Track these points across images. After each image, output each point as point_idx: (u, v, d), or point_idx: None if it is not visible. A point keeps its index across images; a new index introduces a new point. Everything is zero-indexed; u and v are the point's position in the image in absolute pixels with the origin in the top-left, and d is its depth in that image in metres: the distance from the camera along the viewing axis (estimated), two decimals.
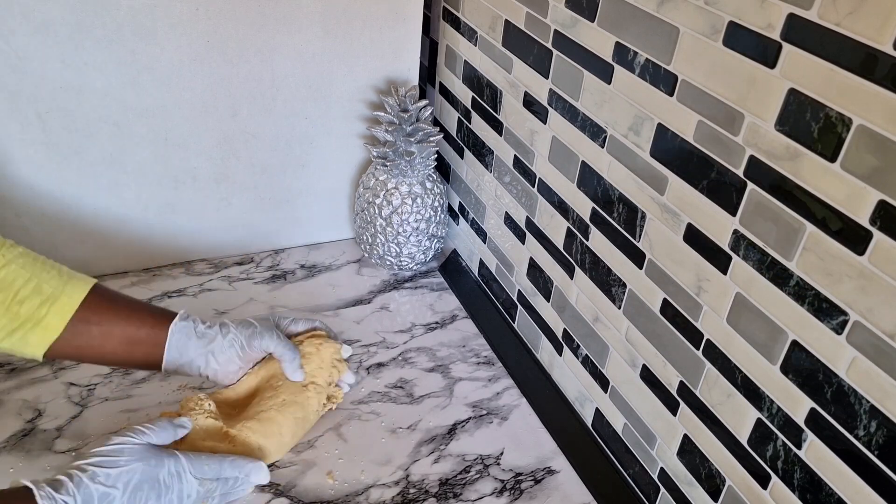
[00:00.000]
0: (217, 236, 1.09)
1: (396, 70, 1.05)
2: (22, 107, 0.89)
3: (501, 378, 0.96)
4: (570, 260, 0.85)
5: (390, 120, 1.00)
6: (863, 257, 0.51)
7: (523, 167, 0.92)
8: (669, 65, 0.65)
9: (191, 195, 1.04)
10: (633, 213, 0.73)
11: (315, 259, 1.14)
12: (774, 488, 0.62)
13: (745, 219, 0.60)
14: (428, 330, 1.03)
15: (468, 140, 1.06)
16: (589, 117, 0.77)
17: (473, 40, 0.98)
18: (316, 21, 0.96)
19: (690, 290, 0.67)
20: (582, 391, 0.87)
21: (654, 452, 0.76)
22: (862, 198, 0.50)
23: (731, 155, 0.60)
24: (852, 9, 0.48)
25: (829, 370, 0.55)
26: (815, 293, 0.55)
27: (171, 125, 0.97)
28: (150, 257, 1.06)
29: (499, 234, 1.01)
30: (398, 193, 1.04)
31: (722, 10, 0.58)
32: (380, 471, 0.82)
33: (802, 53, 0.52)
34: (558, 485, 0.83)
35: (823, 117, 0.52)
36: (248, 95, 0.98)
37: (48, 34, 0.85)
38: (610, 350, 0.80)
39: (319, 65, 1.00)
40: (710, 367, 0.66)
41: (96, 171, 0.96)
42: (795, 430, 0.58)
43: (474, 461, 0.84)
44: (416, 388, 0.93)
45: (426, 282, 1.12)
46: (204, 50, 0.93)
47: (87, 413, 0.84)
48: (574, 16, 0.76)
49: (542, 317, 0.94)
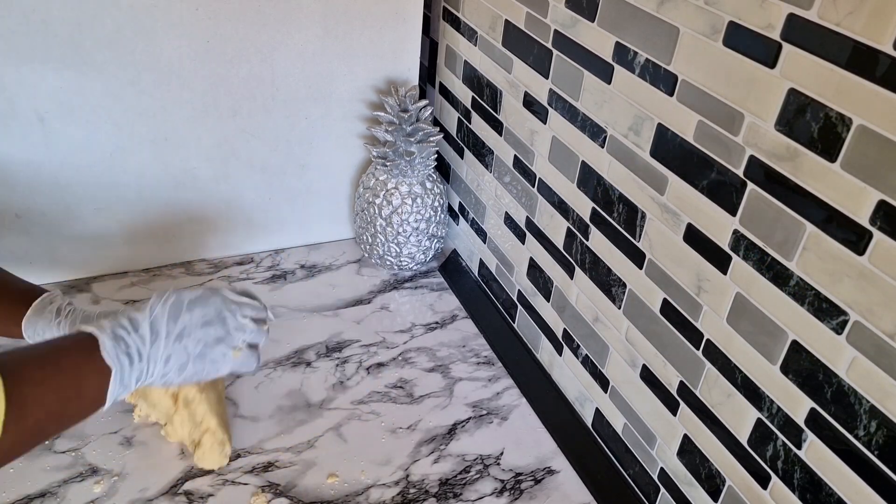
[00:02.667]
0: (217, 236, 1.09)
1: (396, 70, 1.05)
2: (22, 107, 0.89)
3: (501, 378, 0.96)
4: (570, 260, 0.85)
5: (390, 120, 1.00)
6: (863, 257, 0.51)
7: (523, 167, 0.92)
8: (669, 65, 0.65)
9: (191, 195, 1.04)
10: (633, 213, 0.73)
11: (315, 259, 1.14)
12: (774, 488, 0.62)
13: (745, 219, 0.60)
14: (428, 330, 1.03)
15: (468, 140, 1.06)
16: (589, 117, 0.77)
17: (473, 40, 0.98)
18: (316, 21, 0.96)
19: (690, 290, 0.67)
20: (582, 391, 0.87)
21: (654, 452, 0.76)
22: (862, 198, 0.50)
23: (731, 155, 0.60)
24: (852, 9, 0.48)
25: (829, 370, 0.55)
26: (815, 293, 0.55)
27: (171, 125, 0.97)
28: (150, 257, 1.06)
29: (499, 234, 1.01)
30: (398, 193, 1.04)
31: (722, 10, 0.58)
32: (380, 471, 0.82)
33: (802, 53, 0.52)
34: (558, 485, 0.83)
35: (823, 117, 0.52)
36: (248, 95, 0.98)
37: (48, 34, 0.85)
38: (610, 350, 0.80)
39: (319, 65, 1.00)
40: (710, 367, 0.66)
41: (96, 170, 0.96)
42: (795, 430, 0.58)
43: (474, 461, 0.84)
44: (416, 388, 0.93)
45: (426, 282, 1.12)
46: (204, 50, 0.93)
47: None
48: (574, 16, 0.76)
49: (542, 317, 0.94)
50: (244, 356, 0.69)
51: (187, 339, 0.65)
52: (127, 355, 0.60)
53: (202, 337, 0.66)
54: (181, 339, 0.64)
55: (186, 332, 0.65)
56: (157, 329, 0.63)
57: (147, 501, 0.76)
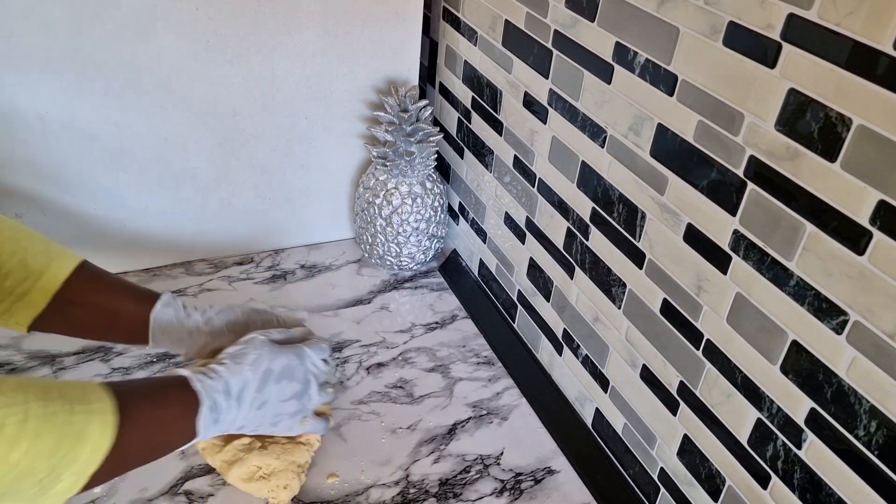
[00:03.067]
0: (217, 236, 1.09)
1: (396, 70, 1.05)
2: (22, 106, 0.89)
3: (501, 378, 0.96)
4: (570, 260, 0.85)
5: (390, 120, 1.00)
6: (863, 257, 0.51)
7: (523, 167, 0.92)
8: (669, 65, 0.65)
9: (191, 195, 1.04)
10: (633, 213, 0.73)
11: (315, 259, 1.14)
12: (774, 488, 0.62)
13: (745, 219, 0.60)
14: (428, 330, 1.03)
15: (468, 140, 1.06)
16: (589, 117, 0.77)
17: (473, 40, 0.98)
18: (316, 21, 0.96)
19: (690, 290, 0.67)
20: (582, 391, 0.87)
21: (654, 452, 0.76)
22: (862, 198, 0.50)
23: (731, 155, 0.60)
24: (852, 9, 0.48)
25: (829, 370, 0.55)
26: (815, 293, 0.55)
27: (171, 125, 0.97)
28: (150, 257, 1.06)
29: (499, 234, 1.01)
30: (398, 193, 1.04)
31: (722, 10, 0.58)
32: (380, 471, 0.82)
33: (802, 53, 0.52)
34: (558, 485, 0.83)
35: (823, 117, 0.52)
36: (248, 95, 0.98)
37: (48, 34, 0.85)
38: (610, 350, 0.80)
39: (319, 65, 1.00)
40: (710, 367, 0.66)
41: (96, 171, 0.96)
42: (795, 430, 0.58)
43: (474, 461, 0.84)
44: (416, 388, 0.93)
45: (426, 282, 1.12)
46: (204, 50, 0.93)
47: None
48: (574, 16, 0.76)
49: (542, 317, 0.94)
50: (311, 423, 0.74)
51: (266, 410, 0.69)
52: (216, 422, 0.65)
53: (280, 411, 0.71)
54: (262, 408, 0.69)
55: (268, 404, 0.69)
56: (243, 398, 0.67)
57: (147, 501, 0.76)
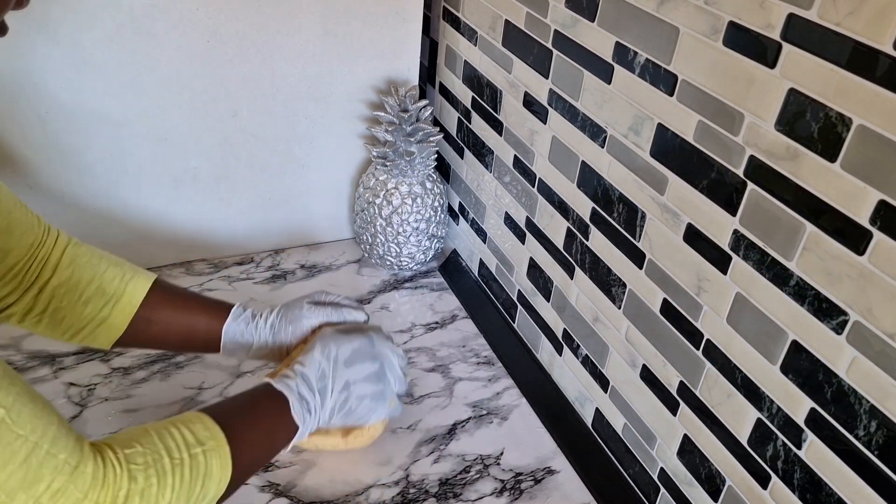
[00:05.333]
0: (217, 236, 1.09)
1: (396, 70, 1.05)
2: (22, 107, 0.89)
3: (501, 378, 0.96)
4: (570, 260, 0.85)
5: (390, 120, 1.00)
6: (863, 257, 0.51)
7: (523, 167, 0.92)
8: (669, 65, 0.65)
9: (191, 195, 1.04)
10: (633, 213, 0.73)
11: (315, 259, 1.14)
12: (774, 488, 0.62)
13: (745, 219, 0.60)
14: (428, 330, 1.03)
15: (468, 140, 1.06)
16: (589, 117, 0.77)
17: (473, 40, 0.98)
18: (316, 21, 0.96)
19: (690, 290, 0.67)
20: (582, 391, 0.87)
21: (654, 452, 0.76)
22: (862, 198, 0.50)
23: (731, 155, 0.60)
24: (852, 9, 0.48)
25: (829, 370, 0.55)
26: (815, 293, 0.55)
27: (171, 125, 0.97)
28: (150, 257, 1.06)
29: (499, 234, 1.01)
30: (398, 193, 1.04)
31: (722, 10, 0.58)
32: (380, 471, 0.82)
33: (802, 53, 0.52)
34: (558, 485, 0.83)
35: (823, 117, 0.52)
36: (248, 95, 0.98)
37: (48, 34, 0.85)
38: (610, 350, 0.80)
39: (319, 65, 1.00)
40: (710, 367, 0.66)
41: (96, 171, 0.96)
42: (795, 430, 0.58)
43: (474, 461, 0.84)
44: (416, 388, 0.93)
45: (426, 282, 1.12)
46: (204, 50, 0.93)
47: (87, 413, 0.84)
48: (574, 16, 0.76)
49: (542, 317, 0.94)
50: (395, 405, 0.76)
51: (349, 392, 0.71)
52: (308, 412, 0.67)
53: (363, 392, 0.72)
54: (345, 389, 0.71)
55: (351, 387, 0.71)
56: (325, 384, 0.70)
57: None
